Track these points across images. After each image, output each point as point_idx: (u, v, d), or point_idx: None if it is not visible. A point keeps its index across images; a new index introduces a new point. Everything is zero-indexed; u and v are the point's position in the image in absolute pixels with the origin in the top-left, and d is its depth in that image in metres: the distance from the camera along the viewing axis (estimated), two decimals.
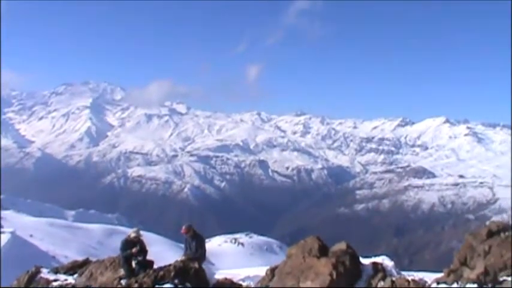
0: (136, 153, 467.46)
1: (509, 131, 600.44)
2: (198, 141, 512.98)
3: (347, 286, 18.17)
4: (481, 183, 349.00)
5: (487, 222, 22.19)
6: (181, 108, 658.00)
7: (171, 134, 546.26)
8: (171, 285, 17.68)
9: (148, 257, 19.63)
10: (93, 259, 23.07)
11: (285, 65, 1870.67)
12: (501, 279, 16.68)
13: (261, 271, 22.72)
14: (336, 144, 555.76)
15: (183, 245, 20.27)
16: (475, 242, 20.46)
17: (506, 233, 20.45)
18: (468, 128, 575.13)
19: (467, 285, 15.93)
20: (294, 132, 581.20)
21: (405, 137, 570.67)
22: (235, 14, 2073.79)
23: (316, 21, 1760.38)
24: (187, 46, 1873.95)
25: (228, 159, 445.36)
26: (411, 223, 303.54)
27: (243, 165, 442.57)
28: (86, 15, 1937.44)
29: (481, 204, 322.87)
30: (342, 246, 19.79)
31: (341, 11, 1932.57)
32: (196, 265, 18.96)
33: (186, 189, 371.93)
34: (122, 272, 19.55)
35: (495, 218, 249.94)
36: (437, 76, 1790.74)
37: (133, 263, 19.13)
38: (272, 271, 20.72)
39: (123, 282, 18.88)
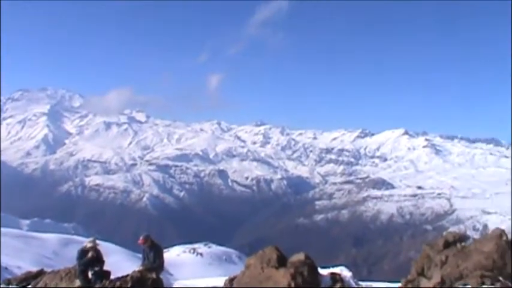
0: (95, 161, 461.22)
1: (467, 143, 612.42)
2: (158, 150, 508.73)
3: None
4: (439, 194, 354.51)
5: (444, 233, 22.47)
6: (141, 116, 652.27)
7: (130, 143, 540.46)
8: None
9: (105, 267, 19.33)
10: (48, 270, 22.59)
11: (246, 75, 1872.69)
12: None
13: (220, 281, 22.65)
14: (295, 155, 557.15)
15: (140, 255, 20.04)
16: (432, 252, 20.68)
17: (463, 243, 20.73)
18: (427, 140, 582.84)
19: None
20: (254, 143, 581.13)
21: (364, 148, 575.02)
22: (197, 23, 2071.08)
23: (278, 33, 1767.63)
24: (148, 55, 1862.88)
25: (187, 168, 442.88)
26: (370, 234, 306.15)
27: (202, 174, 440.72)
28: (44, 19, 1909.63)
29: (439, 215, 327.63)
30: (300, 256, 19.77)
31: (303, 23, 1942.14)
32: (154, 275, 18.75)
33: (144, 199, 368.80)
34: (77, 282, 19.18)
35: (452, 229, 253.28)
36: (397, 88, 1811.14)
37: (90, 274, 18.80)
38: (231, 281, 20.62)
39: None
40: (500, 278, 17.70)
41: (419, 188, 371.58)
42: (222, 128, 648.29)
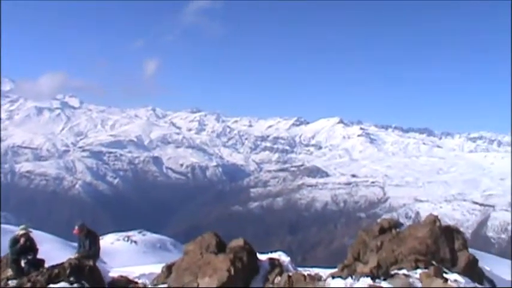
0: (25, 147, 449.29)
1: (401, 133, 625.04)
2: (91, 137, 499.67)
3: (245, 281, 18.26)
4: (373, 182, 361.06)
5: (378, 221, 22.97)
6: (74, 102, 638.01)
7: (63, 129, 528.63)
8: (66, 284, 17.12)
9: (39, 255, 18.96)
10: None
11: (183, 62, 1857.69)
12: (392, 272, 17.26)
13: (156, 268, 22.47)
14: (230, 142, 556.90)
15: (74, 244, 19.75)
16: (368, 238, 21.14)
17: (397, 230, 21.25)
18: (361, 128, 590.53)
19: (361, 279, 16.34)
20: (189, 129, 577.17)
21: (300, 137, 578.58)
22: (134, 8, 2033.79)
23: (215, 20, 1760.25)
24: (84, 40, 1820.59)
25: (121, 155, 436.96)
26: (304, 221, 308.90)
27: (136, 161, 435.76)
28: None
29: (373, 202, 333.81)
30: (239, 242, 19.88)
31: (240, 11, 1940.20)
32: (91, 263, 18.50)
33: (77, 186, 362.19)
34: (9, 272, 18.72)
35: (385, 216, 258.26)
36: (332, 77, 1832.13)
37: (23, 263, 18.39)
38: (169, 268, 20.55)
39: (11, 282, 18.06)
40: (434, 262, 18.22)
41: (354, 176, 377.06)
42: (157, 115, 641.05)
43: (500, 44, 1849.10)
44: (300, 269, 21.85)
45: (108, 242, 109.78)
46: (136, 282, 20.39)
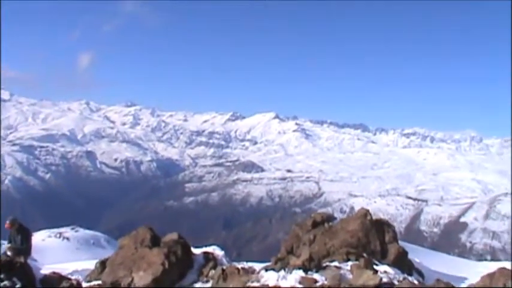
0: None
1: (336, 128, 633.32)
2: (21, 130, 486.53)
3: (179, 275, 18.33)
4: (308, 177, 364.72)
5: (312, 215, 23.34)
6: (4, 94, 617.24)
7: None
8: None
9: None
10: None
11: (119, 55, 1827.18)
12: (324, 264, 17.62)
13: (90, 265, 22.27)
14: (165, 137, 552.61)
15: (4, 241, 19.36)
16: (301, 232, 21.49)
17: (330, 223, 21.67)
18: (297, 124, 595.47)
19: (294, 271, 16.61)
20: (124, 123, 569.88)
21: (235, 131, 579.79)
22: None
23: (155, 12, 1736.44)
24: (16, 30, 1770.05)
25: (53, 149, 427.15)
26: (240, 216, 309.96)
27: (69, 156, 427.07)
28: None
29: (308, 198, 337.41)
30: (173, 236, 19.94)
31: (179, 2, 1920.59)
32: (22, 260, 18.21)
33: (6, 181, 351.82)
34: None
35: (320, 211, 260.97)
36: (268, 72, 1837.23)
37: None
38: (103, 263, 20.40)
39: None
40: (364, 254, 18.68)
41: (289, 171, 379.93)
42: (90, 108, 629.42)
43: (434, 41, 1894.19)
44: (234, 263, 22.04)
45: (39, 239, 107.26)
46: (70, 279, 20.11)
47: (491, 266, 21.23)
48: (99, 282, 19.37)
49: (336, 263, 17.78)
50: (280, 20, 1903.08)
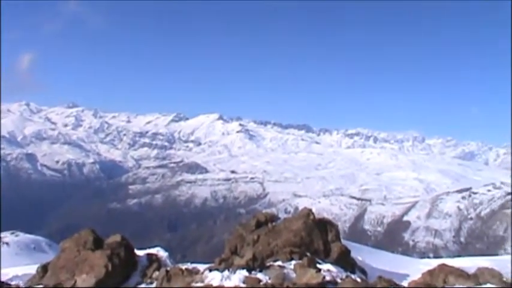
0: None
1: (279, 129, 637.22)
2: None
3: (123, 277, 18.21)
4: (252, 178, 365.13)
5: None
6: None
7: None
8: None
9: None
10: None
11: (60, 56, 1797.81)
12: (268, 264, 17.76)
13: (31, 269, 21.93)
14: (108, 138, 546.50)
15: None
16: (245, 232, 21.59)
17: (273, 223, 21.84)
18: (241, 125, 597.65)
19: (237, 271, 16.71)
20: (65, 125, 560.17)
21: (179, 132, 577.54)
22: None
23: (99, 13, 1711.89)
24: None
25: None
26: (184, 217, 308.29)
27: (9, 158, 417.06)
28: None
29: (252, 198, 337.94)
30: (116, 238, 19.80)
31: (123, 4, 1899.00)
32: None
33: None
34: None
35: (265, 212, 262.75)
36: (211, 73, 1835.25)
37: None
38: (44, 268, 20.11)
39: None
40: (308, 253, 18.90)
41: (233, 172, 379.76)
42: (31, 110, 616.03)
43: (376, 43, 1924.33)
44: (178, 264, 22.03)
45: None
46: (9, 284, 19.77)
47: (432, 263, 21.78)
48: (41, 286, 19.09)
49: (279, 262, 17.95)
50: (222, 22, 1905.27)
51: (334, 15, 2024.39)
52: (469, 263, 23.23)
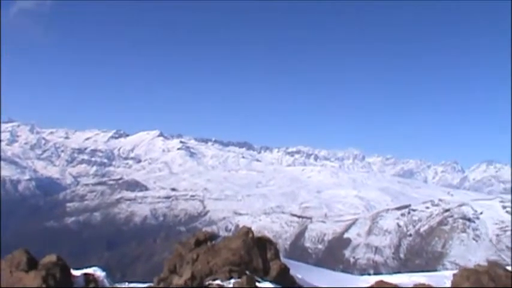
0: None
1: (220, 147, 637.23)
2: None
3: None
4: (192, 196, 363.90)
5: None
6: None
7: None
8: None
9: None
10: None
11: None
12: (207, 283, 17.64)
13: None
14: (46, 155, 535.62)
15: None
16: (184, 251, 21.40)
17: (213, 242, 21.73)
18: (181, 142, 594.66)
19: None
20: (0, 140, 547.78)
21: (119, 149, 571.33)
22: None
23: (38, 23, 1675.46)
24: None
25: None
26: (123, 236, 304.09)
27: None
28: None
29: (192, 216, 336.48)
30: (51, 258, 19.30)
31: (64, 13, 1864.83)
32: None
33: None
34: None
35: (205, 230, 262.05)
36: (152, 90, 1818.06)
37: None
38: None
39: None
40: (247, 272, 18.85)
41: (173, 189, 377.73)
42: None
43: (317, 58, 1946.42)
44: (117, 284, 21.64)
45: None
46: None
47: (371, 280, 22.02)
48: None
49: (218, 281, 17.86)
50: (160, 37, 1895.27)
51: (273, 33, 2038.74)
52: (406, 280, 23.66)
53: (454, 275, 17.72)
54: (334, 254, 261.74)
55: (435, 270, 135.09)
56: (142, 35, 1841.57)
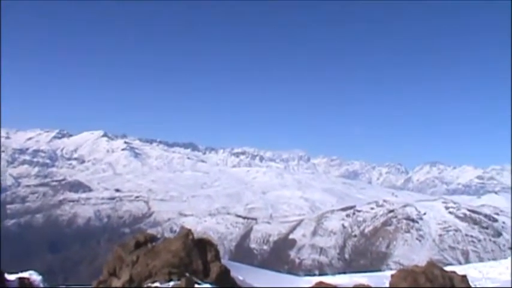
0: None
1: (165, 147, 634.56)
2: None
3: None
4: (137, 197, 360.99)
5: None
6: None
7: None
8: None
9: None
10: None
11: None
12: (145, 286, 17.38)
13: None
14: None
15: None
16: (124, 253, 21.04)
17: (153, 243, 21.43)
18: (126, 142, 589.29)
19: None
20: None
21: (62, 150, 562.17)
22: None
23: None
24: None
25: None
26: (66, 238, 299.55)
27: None
28: None
29: (137, 217, 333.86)
30: None
31: (16, 10, 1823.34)
32: None
33: None
34: None
35: (150, 231, 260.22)
36: (96, 90, 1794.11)
37: None
38: None
39: None
40: (187, 274, 18.65)
41: (118, 190, 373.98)
42: None
43: (261, 58, 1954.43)
44: None
45: None
46: None
47: (313, 281, 22.12)
48: None
49: (157, 284, 17.64)
50: (103, 35, 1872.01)
51: (212, 31, 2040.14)
52: (347, 280, 23.85)
53: (392, 275, 17.91)
54: (279, 255, 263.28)
55: (379, 270, 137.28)
56: (85, 32, 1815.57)
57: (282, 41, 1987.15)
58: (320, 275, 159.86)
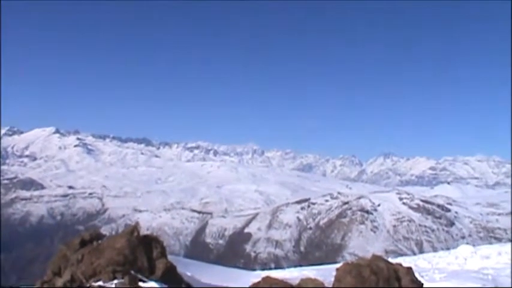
0: None
1: (119, 143, 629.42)
2: None
3: None
4: (91, 194, 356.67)
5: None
6: None
7: None
8: None
9: None
10: None
11: None
12: (88, 285, 17.17)
13: None
14: None
15: None
16: (69, 252, 20.71)
17: (99, 241, 21.17)
18: (78, 139, 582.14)
19: None
20: None
21: (12, 147, 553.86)
22: None
23: None
24: None
25: None
26: (19, 237, 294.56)
27: None
28: None
29: (91, 214, 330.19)
30: None
31: None
32: None
33: None
34: None
35: (105, 228, 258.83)
36: (47, 86, 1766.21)
37: None
38: None
39: None
40: (131, 272, 18.46)
41: (71, 187, 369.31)
42: None
43: (222, 54, 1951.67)
44: None
45: None
46: None
47: (262, 275, 22.15)
48: None
49: (100, 283, 17.40)
50: (55, 31, 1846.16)
51: (171, 27, 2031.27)
52: (297, 274, 23.94)
53: (337, 269, 18.01)
54: (235, 249, 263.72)
55: (336, 262, 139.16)
56: (36, 26, 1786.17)
57: (233, 34, 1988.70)
58: (276, 268, 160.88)
